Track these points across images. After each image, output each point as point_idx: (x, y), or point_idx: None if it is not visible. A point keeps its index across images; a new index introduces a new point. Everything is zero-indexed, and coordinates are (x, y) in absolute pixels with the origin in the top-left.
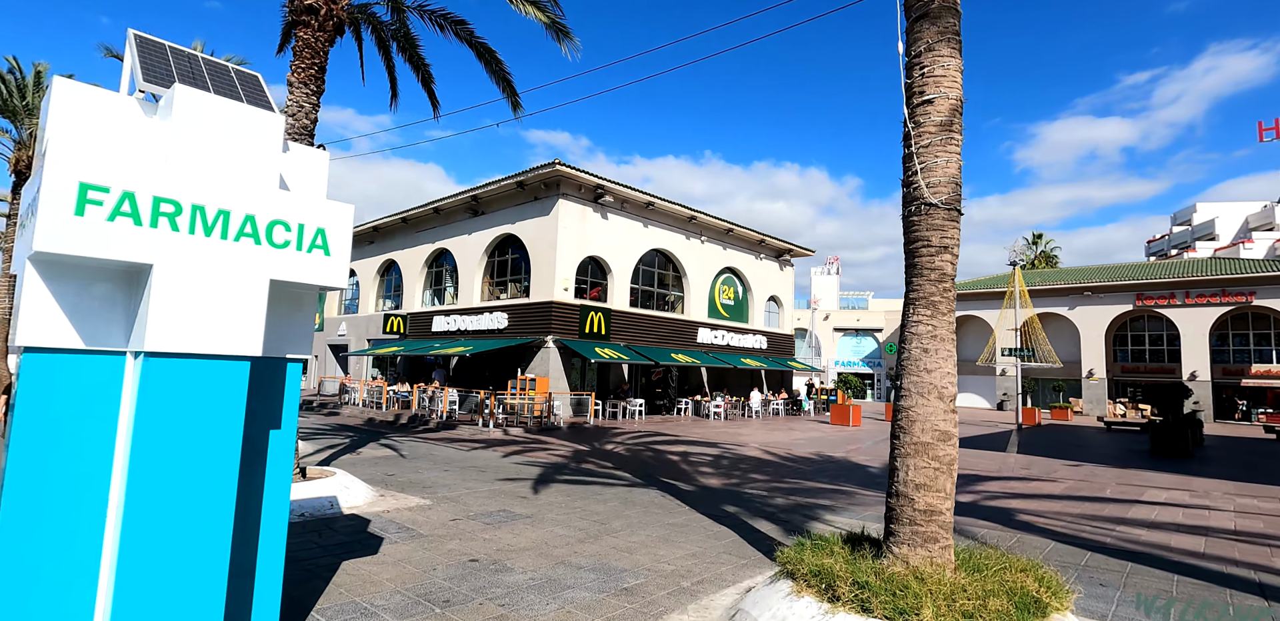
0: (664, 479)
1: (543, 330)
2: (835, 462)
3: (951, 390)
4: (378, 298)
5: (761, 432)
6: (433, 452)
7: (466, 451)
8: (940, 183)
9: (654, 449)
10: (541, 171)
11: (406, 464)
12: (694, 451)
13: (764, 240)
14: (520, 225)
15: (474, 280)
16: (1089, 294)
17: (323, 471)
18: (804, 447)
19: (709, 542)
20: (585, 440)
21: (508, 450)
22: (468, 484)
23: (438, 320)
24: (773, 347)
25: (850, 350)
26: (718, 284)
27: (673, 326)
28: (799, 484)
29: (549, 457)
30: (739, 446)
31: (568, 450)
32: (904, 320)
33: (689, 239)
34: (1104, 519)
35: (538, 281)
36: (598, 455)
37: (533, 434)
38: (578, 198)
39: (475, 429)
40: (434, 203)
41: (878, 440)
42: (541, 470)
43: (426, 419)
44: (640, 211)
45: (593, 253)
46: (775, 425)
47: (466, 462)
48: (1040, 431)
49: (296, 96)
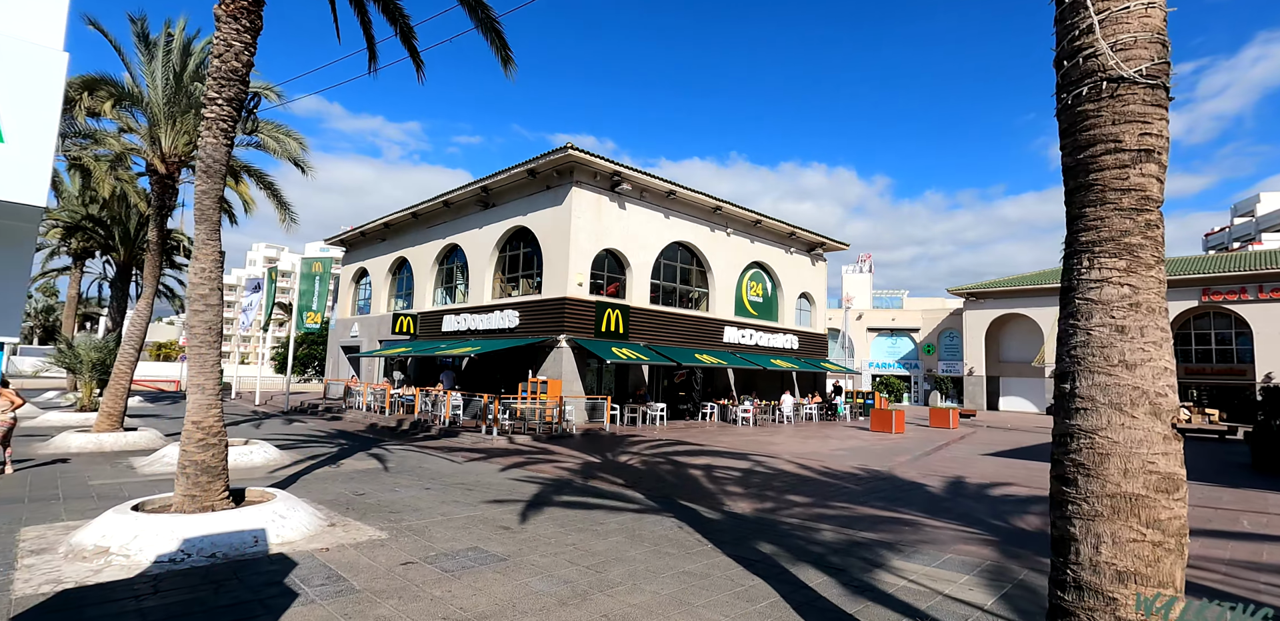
0: (683, 501)
1: (555, 329)
2: (885, 479)
3: (1172, 399)
4: (390, 297)
5: (795, 441)
6: (422, 465)
7: (461, 463)
8: (1135, 42)
9: (674, 461)
10: (553, 157)
11: (385, 479)
12: (719, 464)
13: (794, 233)
14: (532, 217)
15: (484, 276)
16: None
17: (263, 494)
18: (845, 460)
19: (739, 605)
20: (598, 450)
21: (508, 462)
22: (445, 507)
23: (447, 319)
24: (805, 348)
25: (885, 351)
26: (745, 279)
27: (697, 325)
28: (848, 509)
29: (552, 472)
30: (771, 458)
31: (576, 462)
32: (1068, 281)
33: (714, 231)
34: (1275, 570)
35: (550, 277)
36: (609, 469)
37: (541, 442)
38: (593, 186)
39: (479, 436)
40: (444, 195)
41: (926, 451)
42: (539, 488)
43: (429, 425)
44: (661, 201)
45: (610, 245)
46: (809, 432)
47: (456, 478)
48: None
49: (224, 33)
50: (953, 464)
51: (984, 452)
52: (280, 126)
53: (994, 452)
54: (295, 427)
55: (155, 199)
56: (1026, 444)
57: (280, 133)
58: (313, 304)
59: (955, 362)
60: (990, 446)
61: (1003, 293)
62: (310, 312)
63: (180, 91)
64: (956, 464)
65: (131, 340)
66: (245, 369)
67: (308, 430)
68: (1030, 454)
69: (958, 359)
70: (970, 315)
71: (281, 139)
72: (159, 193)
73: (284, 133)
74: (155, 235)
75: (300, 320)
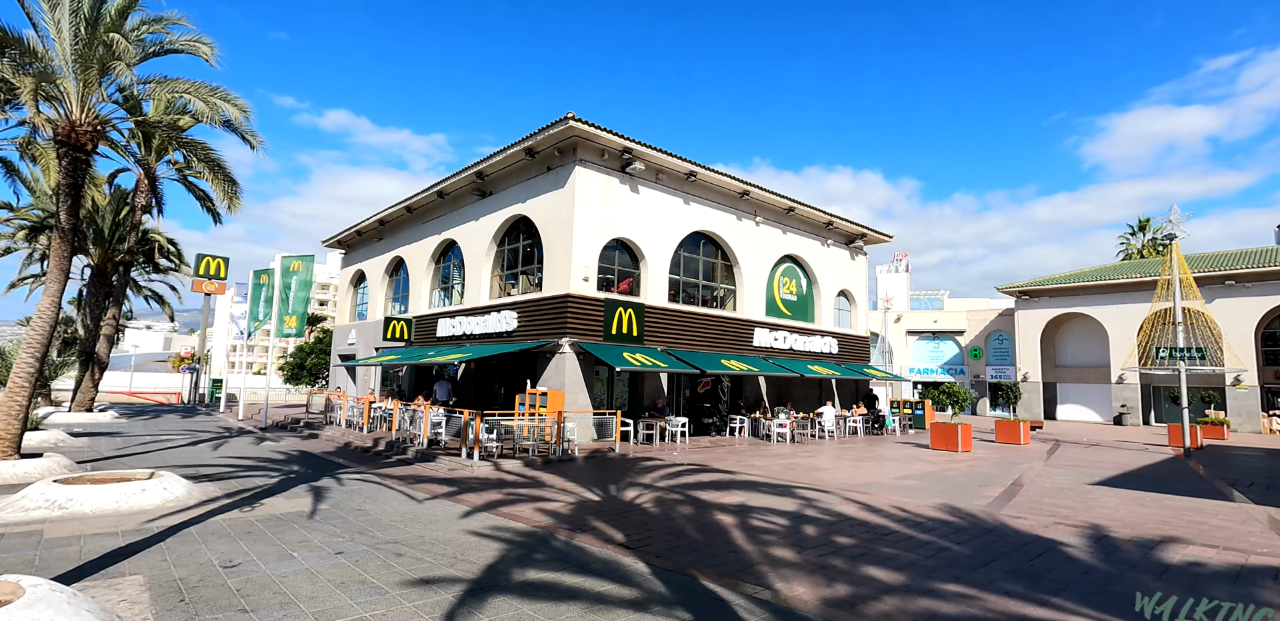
0: (707, 582)
1: (557, 331)
2: (993, 531)
3: None
4: (387, 300)
5: (846, 465)
6: (367, 506)
7: (420, 501)
8: None
9: (695, 499)
10: (553, 131)
11: (294, 535)
12: (756, 503)
13: (832, 222)
14: (532, 204)
15: (481, 274)
16: (1231, 283)
17: (14, 590)
18: (919, 494)
19: None
20: (600, 481)
21: (480, 500)
22: (335, 598)
23: (442, 323)
24: (845, 352)
25: (927, 356)
26: (777, 275)
27: (722, 326)
28: (974, 599)
29: (531, 518)
30: (821, 492)
31: (567, 501)
32: None
33: (741, 220)
34: None
35: (552, 271)
36: (608, 512)
37: (533, 469)
38: (600, 165)
39: (458, 462)
40: (437, 185)
41: (1014, 478)
42: (500, 554)
43: (405, 446)
44: (680, 185)
45: (620, 235)
46: (859, 451)
47: (395, 531)
48: (1212, 457)
49: None
50: (1065, 499)
51: (1090, 480)
52: (217, 89)
53: (1103, 481)
54: (258, 448)
55: (65, 176)
56: (1131, 466)
57: (214, 95)
58: (289, 307)
59: (1005, 367)
60: (1088, 470)
61: (1061, 290)
62: (289, 317)
63: (94, 43)
64: (1070, 499)
65: (31, 348)
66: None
67: (267, 452)
68: (1151, 482)
69: (1008, 363)
70: (1023, 315)
71: (216, 103)
72: (70, 168)
73: (220, 95)
74: (64, 219)
75: (279, 326)
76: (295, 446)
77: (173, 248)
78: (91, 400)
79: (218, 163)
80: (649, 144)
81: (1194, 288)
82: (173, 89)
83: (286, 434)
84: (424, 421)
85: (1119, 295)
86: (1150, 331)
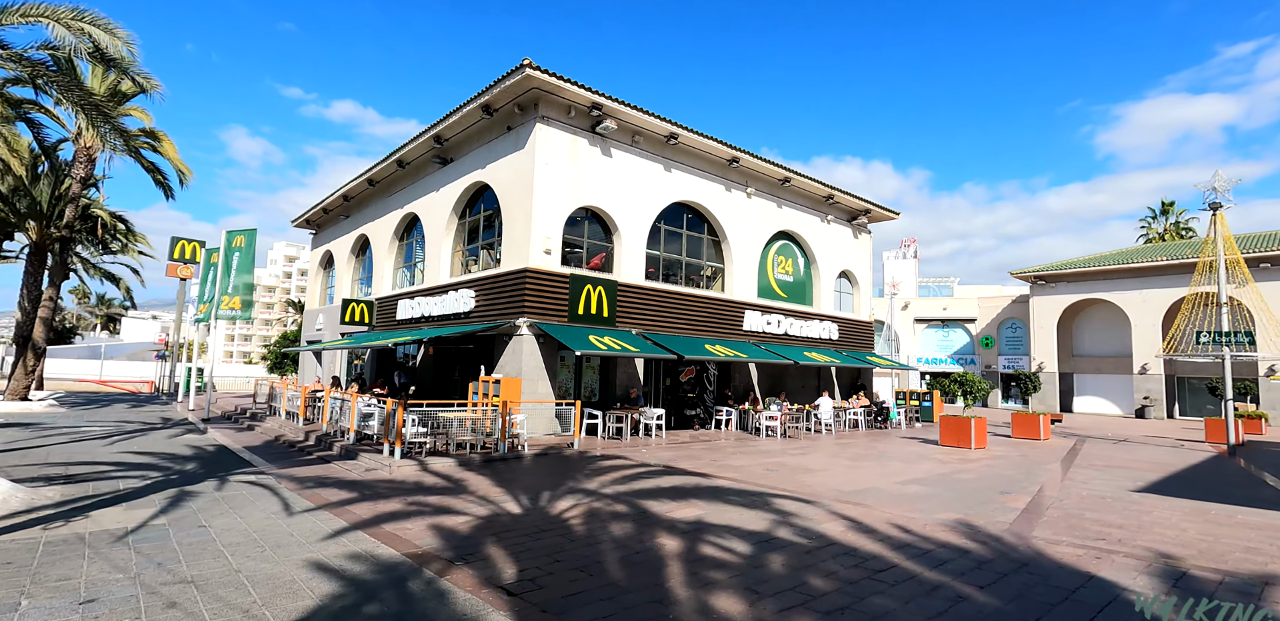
0: None
1: (514, 311)
2: (1026, 566)
3: None
4: (354, 282)
5: (842, 466)
6: (214, 521)
7: (289, 516)
8: None
9: (642, 513)
10: (509, 83)
11: (54, 569)
12: (716, 521)
13: (833, 196)
14: (492, 168)
15: (441, 250)
16: (1267, 266)
17: None
18: (927, 505)
19: None
20: (537, 485)
21: (368, 513)
22: None
23: (402, 305)
24: (846, 338)
25: (935, 345)
26: (771, 253)
27: (708, 308)
28: None
29: (414, 540)
30: (804, 503)
31: (476, 515)
32: None
33: (730, 190)
34: None
35: (511, 244)
36: (518, 533)
37: (469, 469)
38: (565, 124)
39: (381, 459)
40: (395, 152)
41: (1040, 482)
42: (319, 604)
43: (333, 440)
44: (659, 149)
45: (590, 203)
46: (859, 447)
47: (208, 562)
48: (1260, 456)
49: None
50: (1111, 513)
51: (1133, 486)
52: (84, 12)
53: (1147, 486)
54: (171, 443)
55: None
56: (1173, 467)
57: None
58: (231, 287)
59: (1019, 357)
60: (1125, 472)
61: (1079, 275)
62: (226, 297)
63: None
64: (1118, 514)
65: None
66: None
67: (179, 447)
68: (1206, 489)
69: (1022, 353)
70: (1039, 302)
71: (84, 29)
72: None
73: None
74: None
75: (216, 307)
76: (219, 440)
77: (122, 225)
78: (27, 388)
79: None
80: (622, 100)
81: (1242, 265)
82: (24, 13)
83: (225, 426)
84: (351, 412)
85: (1142, 279)
86: (1189, 313)
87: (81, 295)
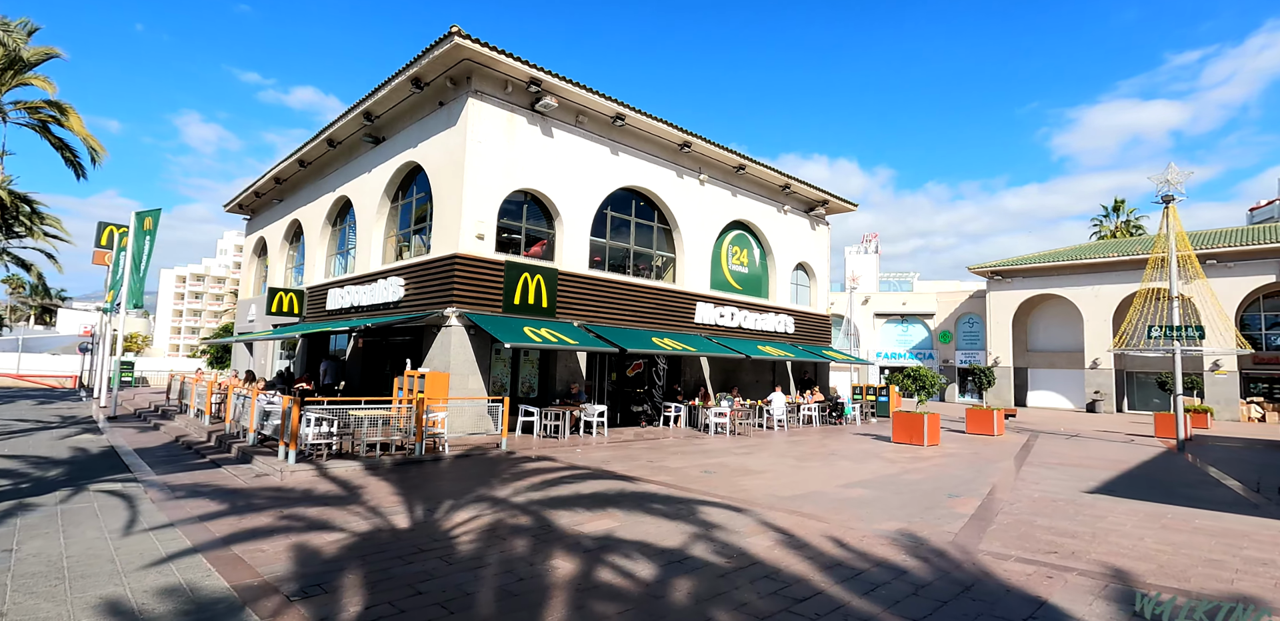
0: None
1: (444, 300)
2: (971, 591)
3: None
4: (288, 271)
5: (786, 465)
6: (29, 542)
7: (121, 536)
8: None
9: (546, 527)
10: (438, 52)
11: None
12: (628, 536)
13: (789, 185)
14: (424, 147)
15: (373, 236)
16: (1213, 263)
17: None
18: (867, 511)
19: None
20: (441, 493)
21: (228, 530)
22: None
23: (333, 294)
24: (803, 332)
25: (895, 339)
26: (725, 243)
27: (657, 299)
28: None
29: (259, 567)
30: (734, 512)
31: (353, 532)
32: None
33: (682, 177)
34: None
35: (442, 228)
36: (389, 555)
37: (376, 473)
38: (501, 99)
39: (274, 463)
40: (325, 129)
41: (991, 482)
42: None
43: (233, 442)
44: (606, 130)
45: (528, 185)
46: (808, 446)
47: None
48: (1207, 451)
49: None
50: (1064, 520)
51: (1086, 486)
52: None
53: (1101, 486)
54: (55, 445)
55: None
56: (1126, 464)
57: None
58: (142, 273)
59: (975, 352)
60: (1078, 470)
61: (1034, 270)
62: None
63: None
64: (1071, 520)
65: None
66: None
67: (62, 449)
68: (1159, 488)
69: (979, 348)
70: (995, 297)
71: None
72: None
73: None
74: None
75: (118, 294)
76: (113, 441)
77: (26, 206)
78: None
79: None
80: (564, 76)
81: (1193, 259)
82: None
83: (131, 424)
84: (251, 411)
85: (1094, 275)
86: (1141, 308)
87: (16, 284)
